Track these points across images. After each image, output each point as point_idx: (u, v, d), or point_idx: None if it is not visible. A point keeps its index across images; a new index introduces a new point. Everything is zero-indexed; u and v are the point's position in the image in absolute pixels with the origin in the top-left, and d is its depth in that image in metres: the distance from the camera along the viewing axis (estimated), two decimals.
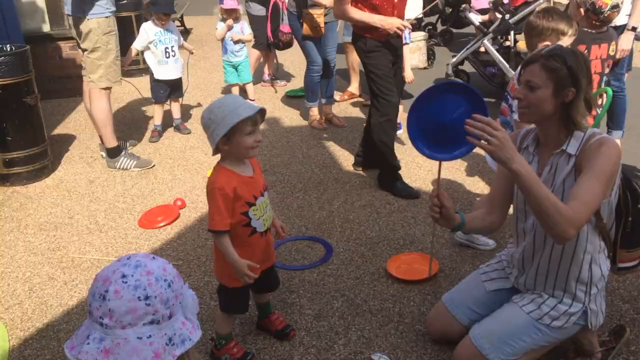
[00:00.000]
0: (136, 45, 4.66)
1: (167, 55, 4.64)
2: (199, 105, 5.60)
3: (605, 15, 2.91)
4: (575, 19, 3.00)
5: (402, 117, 4.05)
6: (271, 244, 2.22)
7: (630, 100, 3.94)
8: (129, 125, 5.13)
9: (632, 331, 2.27)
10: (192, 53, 5.17)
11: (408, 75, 4.36)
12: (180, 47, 4.83)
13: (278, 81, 6.27)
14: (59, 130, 5.02)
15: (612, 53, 3.10)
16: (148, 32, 4.60)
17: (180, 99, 4.96)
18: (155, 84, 4.76)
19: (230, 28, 5.11)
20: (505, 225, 2.70)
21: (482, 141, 1.62)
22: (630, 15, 3.40)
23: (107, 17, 3.87)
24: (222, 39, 5.18)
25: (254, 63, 5.80)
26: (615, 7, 2.91)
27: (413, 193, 3.56)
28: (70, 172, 4.15)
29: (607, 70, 3.13)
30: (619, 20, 3.38)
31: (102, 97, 4.01)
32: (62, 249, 3.13)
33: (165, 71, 4.68)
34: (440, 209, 1.91)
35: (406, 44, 4.08)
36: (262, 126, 4.80)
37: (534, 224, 1.93)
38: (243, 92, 5.50)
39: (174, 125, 4.96)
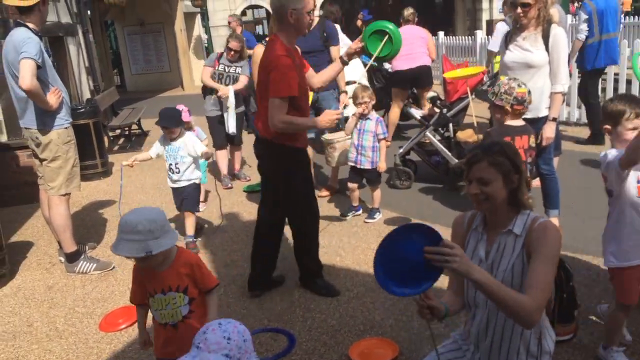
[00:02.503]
0: (151, 153, 4.46)
1: (172, 171, 4.42)
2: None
3: (528, 102, 3.32)
4: (500, 118, 3.38)
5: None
6: (182, 339, 2.22)
7: (563, 180, 4.30)
8: (88, 228, 5.16)
9: None
10: (208, 158, 4.92)
11: (382, 166, 4.76)
12: (201, 157, 4.48)
13: (243, 176, 6.44)
14: (17, 237, 5.01)
15: (532, 144, 3.46)
16: (159, 145, 4.44)
17: (192, 213, 4.49)
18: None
19: None
20: None
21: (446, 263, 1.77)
22: (549, 107, 3.80)
23: (66, 127, 4.04)
24: None
25: (226, 162, 6.17)
26: (530, 92, 3.35)
27: (333, 291, 3.59)
28: (29, 279, 4.13)
29: (529, 159, 3.48)
30: (541, 112, 3.79)
31: (62, 203, 4.09)
32: (21, 358, 3.08)
33: (170, 181, 4.51)
34: (431, 311, 2.00)
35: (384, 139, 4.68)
36: (223, 221, 4.94)
37: (486, 299, 2.08)
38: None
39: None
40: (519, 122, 3.34)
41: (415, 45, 6.95)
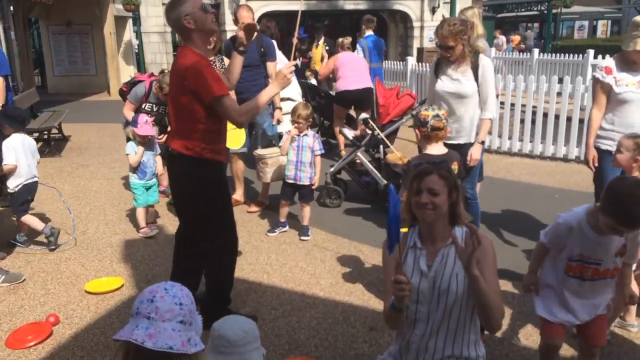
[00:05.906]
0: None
1: None
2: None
3: (431, 124, 3.37)
4: (419, 142, 3.50)
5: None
6: None
7: (485, 205, 4.47)
8: None
9: None
10: None
11: (317, 181, 4.87)
12: None
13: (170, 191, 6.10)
14: None
15: (455, 171, 3.56)
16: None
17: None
18: None
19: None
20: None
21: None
22: (477, 132, 3.96)
23: None
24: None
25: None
26: (436, 117, 3.39)
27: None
28: None
29: None
30: (473, 138, 3.92)
31: None
32: None
33: None
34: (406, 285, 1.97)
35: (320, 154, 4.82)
36: (150, 239, 4.76)
37: (428, 312, 2.13)
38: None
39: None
40: (441, 151, 3.42)
41: (360, 68, 7.31)
